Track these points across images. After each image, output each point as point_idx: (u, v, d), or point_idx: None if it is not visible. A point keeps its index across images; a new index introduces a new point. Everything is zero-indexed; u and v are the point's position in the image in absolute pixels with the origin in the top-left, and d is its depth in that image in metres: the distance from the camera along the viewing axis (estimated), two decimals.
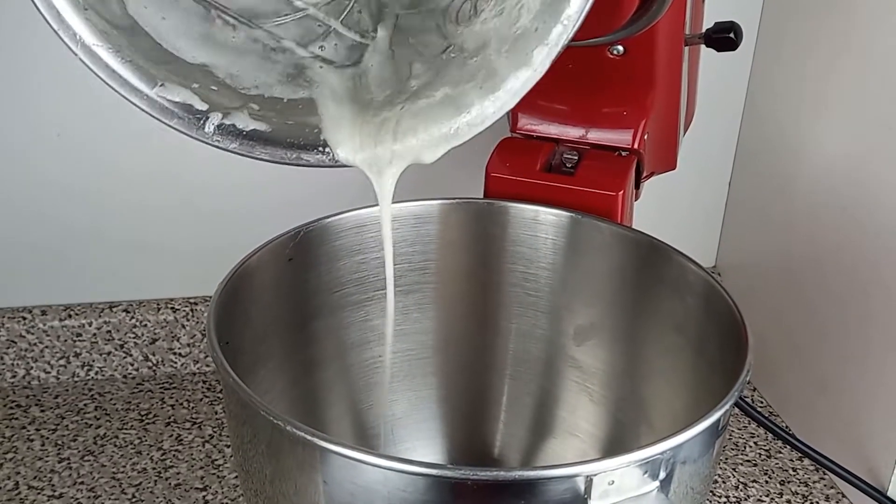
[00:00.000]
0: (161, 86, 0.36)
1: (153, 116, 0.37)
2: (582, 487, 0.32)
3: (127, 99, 0.36)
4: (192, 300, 0.71)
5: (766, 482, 0.63)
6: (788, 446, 0.65)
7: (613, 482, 0.33)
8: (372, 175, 0.38)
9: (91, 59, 0.35)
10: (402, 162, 0.38)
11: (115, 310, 0.70)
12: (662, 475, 0.34)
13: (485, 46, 0.36)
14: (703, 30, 0.54)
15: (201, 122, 0.37)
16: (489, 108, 0.35)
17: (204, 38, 0.38)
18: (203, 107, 0.37)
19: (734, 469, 0.64)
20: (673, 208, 0.75)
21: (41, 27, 0.35)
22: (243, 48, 0.39)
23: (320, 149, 0.38)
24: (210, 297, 0.42)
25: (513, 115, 0.56)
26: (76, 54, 0.35)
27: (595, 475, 0.32)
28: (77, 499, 0.59)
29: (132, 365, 0.71)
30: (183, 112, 0.37)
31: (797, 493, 0.62)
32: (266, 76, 0.39)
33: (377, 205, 0.50)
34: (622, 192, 0.52)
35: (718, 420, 0.36)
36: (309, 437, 0.33)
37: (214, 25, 0.38)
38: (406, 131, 0.37)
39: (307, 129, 0.39)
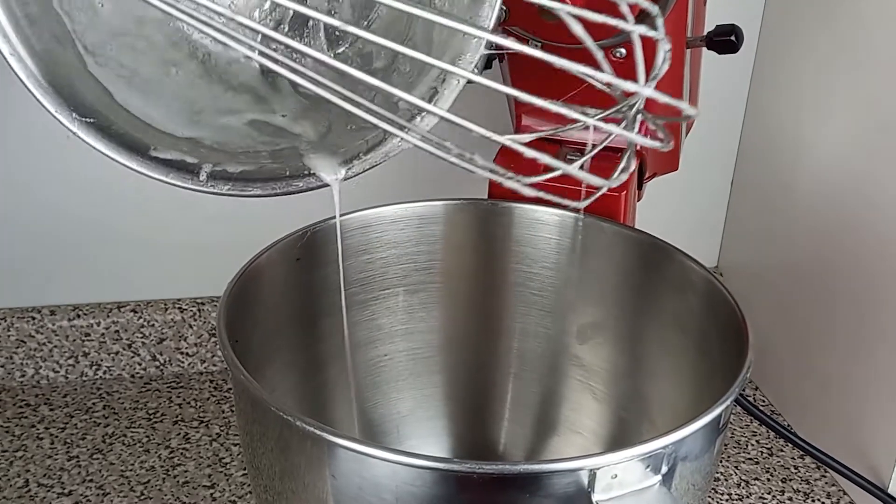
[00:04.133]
0: (154, 149, 0.38)
1: (150, 176, 0.38)
2: (585, 481, 0.33)
3: (122, 164, 0.37)
4: (199, 300, 0.71)
5: (768, 480, 0.63)
6: (790, 444, 0.65)
7: (616, 476, 0.33)
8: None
9: (86, 133, 0.36)
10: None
11: (123, 310, 0.70)
12: (665, 470, 0.35)
13: None
14: (705, 33, 0.54)
15: (195, 173, 0.39)
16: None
17: (191, 122, 0.40)
18: (195, 160, 0.39)
19: (736, 467, 0.64)
20: (675, 209, 0.76)
21: None
22: (229, 126, 0.41)
23: (306, 177, 0.40)
24: (217, 298, 0.42)
25: (517, 116, 0.56)
26: (72, 131, 0.36)
27: (598, 469, 0.33)
28: (86, 496, 0.59)
29: (140, 364, 0.72)
30: (177, 167, 0.38)
31: (799, 491, 0.62)
32: (251, 142, 0.41)
33: (382, 205, 0.52)
34: (625, 192, 0.52)
35: (719, 416, 0.36)
36: (318, 432, 0.34)
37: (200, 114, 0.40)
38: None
39: (292, 162, 0.40)
